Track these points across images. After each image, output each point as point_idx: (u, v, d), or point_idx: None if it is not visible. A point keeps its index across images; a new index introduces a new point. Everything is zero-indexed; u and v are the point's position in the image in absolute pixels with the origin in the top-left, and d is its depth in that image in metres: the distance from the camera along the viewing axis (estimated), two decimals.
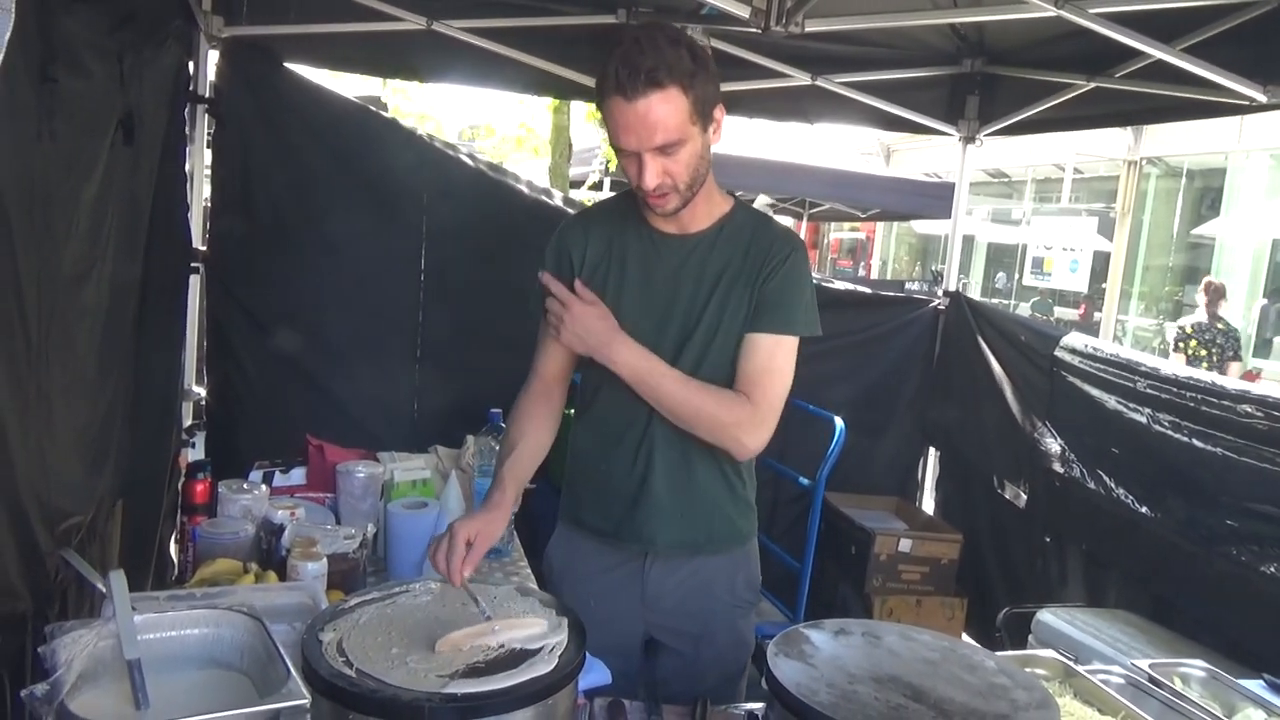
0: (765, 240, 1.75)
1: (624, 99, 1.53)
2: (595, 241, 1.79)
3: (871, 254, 22.23)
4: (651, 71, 1.51)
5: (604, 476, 1.83)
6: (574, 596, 1.68)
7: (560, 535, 1.95)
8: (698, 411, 1.70)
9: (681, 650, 1.88)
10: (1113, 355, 3.37)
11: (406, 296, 3.57)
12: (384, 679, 1.22)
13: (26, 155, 1.51)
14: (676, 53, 1.54)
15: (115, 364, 2.23)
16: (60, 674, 1.17)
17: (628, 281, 1.76)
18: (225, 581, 1.72)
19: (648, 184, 1.59)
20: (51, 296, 1.70)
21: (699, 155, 1.62)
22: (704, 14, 3.31)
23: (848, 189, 9.26)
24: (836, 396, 3.87)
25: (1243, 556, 2.70)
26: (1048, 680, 1.71)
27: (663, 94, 1.52)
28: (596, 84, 1.58)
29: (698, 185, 1.66)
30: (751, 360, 1.72)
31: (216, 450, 3.41)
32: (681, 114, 1.55)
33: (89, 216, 1.92)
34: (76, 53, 1.76)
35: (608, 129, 1.61)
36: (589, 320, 1.71)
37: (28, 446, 1.56)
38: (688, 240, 1.76)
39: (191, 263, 3.20)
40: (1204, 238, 13.45)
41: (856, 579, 3.84)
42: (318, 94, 3.49)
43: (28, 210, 1.51)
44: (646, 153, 1.57)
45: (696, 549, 1.83)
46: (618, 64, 1.52)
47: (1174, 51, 2.84)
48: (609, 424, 1.81)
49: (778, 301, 1.72)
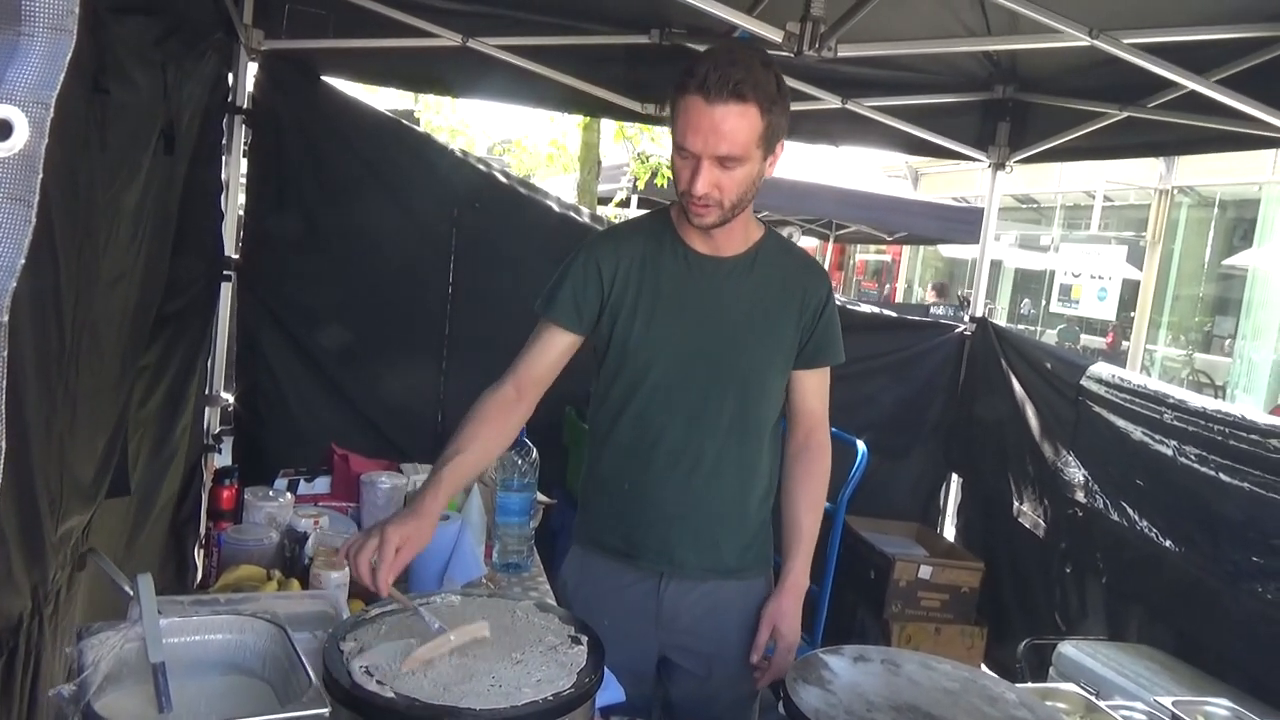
0: (802, 275, 1.83)
1: (704, 100, 1.54)
2: (628, 258, 1.79)
3: (897, 277, 22.15)
4: (739, 84, 1.53)
5: (628, 499, 1.83)
6: (588, 615, 1.66)
7: (574, 555, 1.96)
8: (823, 506, 1.92)
9: (695, 671, 1.88)
10: (1139, 386, 3.33)
11: (434, 309, 3.61)
12: (404, 691, 1.23)
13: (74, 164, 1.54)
14: (767, 76, 1.57)
15: (133, 367, 2.27)
16: (88, 674, 1.19)
17: (661, 299, 1.77)
18: (249, 588, 1.74)
19: (698, 190, 1.60)
20: (88, 301, 1.73)
21: (752, 179, 1.64)
22: (737, 36, 3.33)
23: (875, 211, 9.26)
24: (859, 420, 3.85)
25: (1269, 594, 2.66)
26: (1068, 715, 1.69)
27: (742, 107, 1.55)
28: (678, 80, 1.58)
29: (741, 208, 1.68)
30: (814, 396, 1.89)
31: (243, 456, 3.45)
32: (753, 133, 1.58)
33: (129, 225, 1.95)
34: (125, 63, 1.79)
35: (674, 127, 1.61)
36: (798, 621, 1.81)
37: (50, 446, 1.59)
38: (724, 263, 1.78)
39: (224, 270, 3.25)
40: (1236, 268, 13.29)
41: (875, 604, 3.81)
42: (353, 107, 3.54)
43: (72, 217, 1.54)
44: (707, 159, 1.58)
45: (714, 573, 1.84)
46: (709, 66, 1.54)
47: (1207, 83, 2.82)
48: (637, 445, 1.81)
49: (827, 341, 1.85)
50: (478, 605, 1.52)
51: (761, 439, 1.84)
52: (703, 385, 1.76)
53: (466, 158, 3.78)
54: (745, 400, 1.78)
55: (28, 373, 1.42)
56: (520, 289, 3.41)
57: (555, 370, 1.81)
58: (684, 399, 1.77)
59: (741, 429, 1.80)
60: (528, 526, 2.34)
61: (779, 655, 1.78)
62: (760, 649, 1.79)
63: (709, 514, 1.81)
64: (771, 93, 1.57)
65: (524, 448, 2.25)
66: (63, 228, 1.49)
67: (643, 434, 1.80)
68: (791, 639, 1.79)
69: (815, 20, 2.60)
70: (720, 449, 1.78)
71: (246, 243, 3.44)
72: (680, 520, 1.80)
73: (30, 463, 1.48)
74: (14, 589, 1.46)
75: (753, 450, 1.83)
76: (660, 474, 1.79)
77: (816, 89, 3.72)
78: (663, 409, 1.77)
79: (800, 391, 1.87)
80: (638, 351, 1.78)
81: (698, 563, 1.82)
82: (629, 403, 1.80)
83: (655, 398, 1.77)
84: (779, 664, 1.77)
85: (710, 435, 1.78)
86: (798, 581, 1.81)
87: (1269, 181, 12.56)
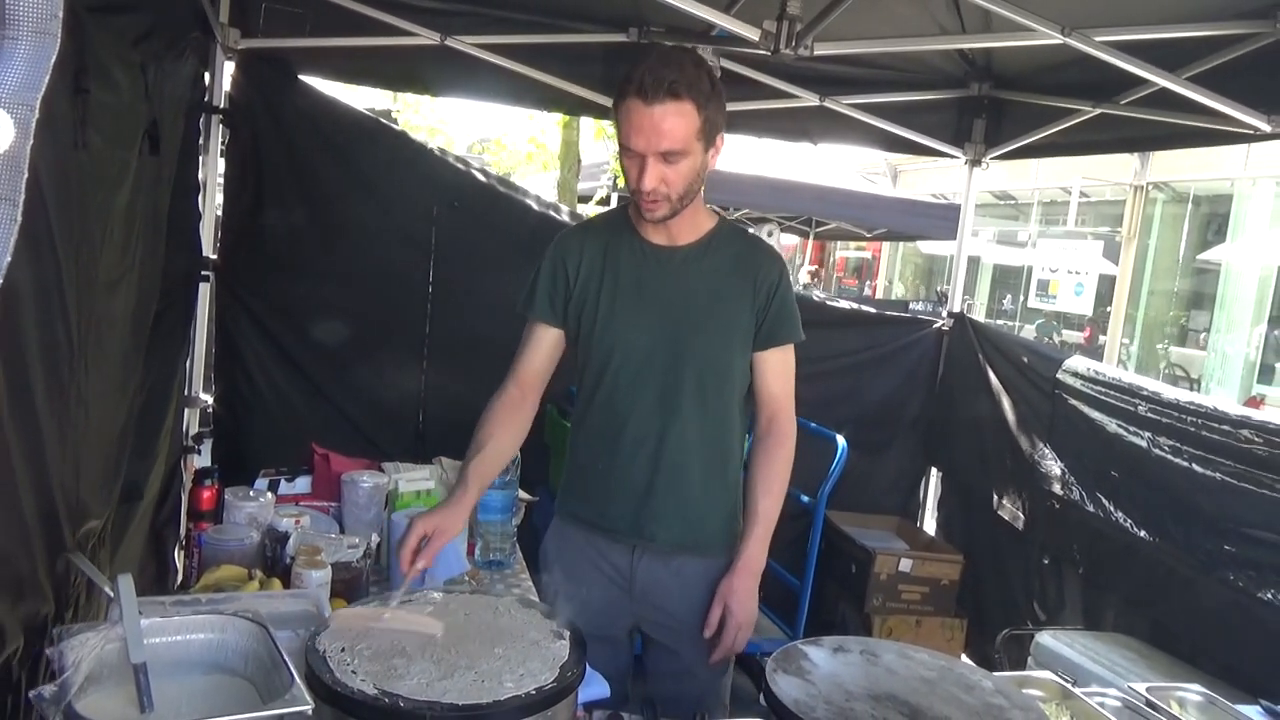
0: (753, 257, 1.90)
1: (643, 102, 1.64)
2: (590, 251, 1.91)
3: (877, 274, 22.26)
4: (674, 84, 1.64)
5: (603, 477, 1.92)
6: (565, 584, 1.79)
7: (555, 527, 2.06)
8: (784, 490, 1.91)
9: (667, 643, 1.96)
10: (1114, 379, 3.38)
11: (414, 308, 3.60)
12: (386, 687, 1.23)
13: (65, 165, 1.55)
14: (699, 74, 1.68)
15: (136, 369, 2.27)
16: (68, 675, 1.19)
17: (621, 289, 1.88)
18: (230, 588, 1.74)
19: (645, 185, 1.71)
20: (89, 302, 1.74)
21: (696, 171, 1.74)
22: (715, 35, 3.35)
23: (854, 208, 9.30)
24: (839, 415, 3.88)
25: (1240, 582, 2.71)
26: (1044, 702, 1.71)
27: (678, 105, 1.65)
28: (618, 86, 1.68)
29: (689, 199, 1.78)
30: (774, 377, 1.92)
31: (223, 457, 3.43)
32: (691, 128, 1.68)
33: (122, 225, 1.96)
34: (105, 63, 1.80)
35: (619, 131, 1.72)
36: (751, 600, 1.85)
37: (65, 449, 1.60)
38: (678, 252, 1.88)
39: (202, 270, 3.23)
40: (1210, 263, 13.46)
41: (856, 598, 3.84)
42: (330, 106, 3.53)
43: (68, 218, 1.55)
44: (651, 156, 1.69)
45: (689, 548, 1.92)
46: (644, 70, 1.64)
47: (1179, 80, 2.87)
48: (606, 428, 1.91)
49: (781, 321, 1.90)
50: (460, 602, 1.53)
51: (726, 420, 1.91)
52: (664, 370, 1.85)
53: (445, 156, 3.77)
54: (706, 383, 1.86)
55: (39, 374, 1.43)
56: (501, 287, 3.43)
57: (551, 363, 1.95)
58: (648, 384, 1.86)
59: (705, 411, 1.88)
60: (510, 524, 2.34)
61: (727, 633, 1.84)
62: (712, 626, 1.85)
63: (678, 494, 1.89)
64: (706, 90, 1.68)
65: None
66: (61, 229, 1.50)
67: (611, 419, 1.90)
68: (742, 616, 1.84)
69: (792, 19, 2.62)
70: (684, 431, 1.86)
71: (224, 243, 3.42)
72: (649, 499, 1.88)
73: (46, 465, 1.49)
74: (38, 591, 1.47)
75: (718, 431, 1.91)
76: (628, 457, 1.88)
77: (794, 87, 3.74)
78: (628, 395, 1.87)
79: (761, 374, 1.92)
80: (601, 340, 1.88)
81: (668, 539, 1.90)
82: (597, 390, 1.91)
83: (620, 384, 1.87)
84: (726, 641, 1.84)
85: (674, 418, 1.86)
86: (750, 561, 1.86)
87: (1241, 177, 12.72)
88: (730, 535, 1.94)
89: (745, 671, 3.27)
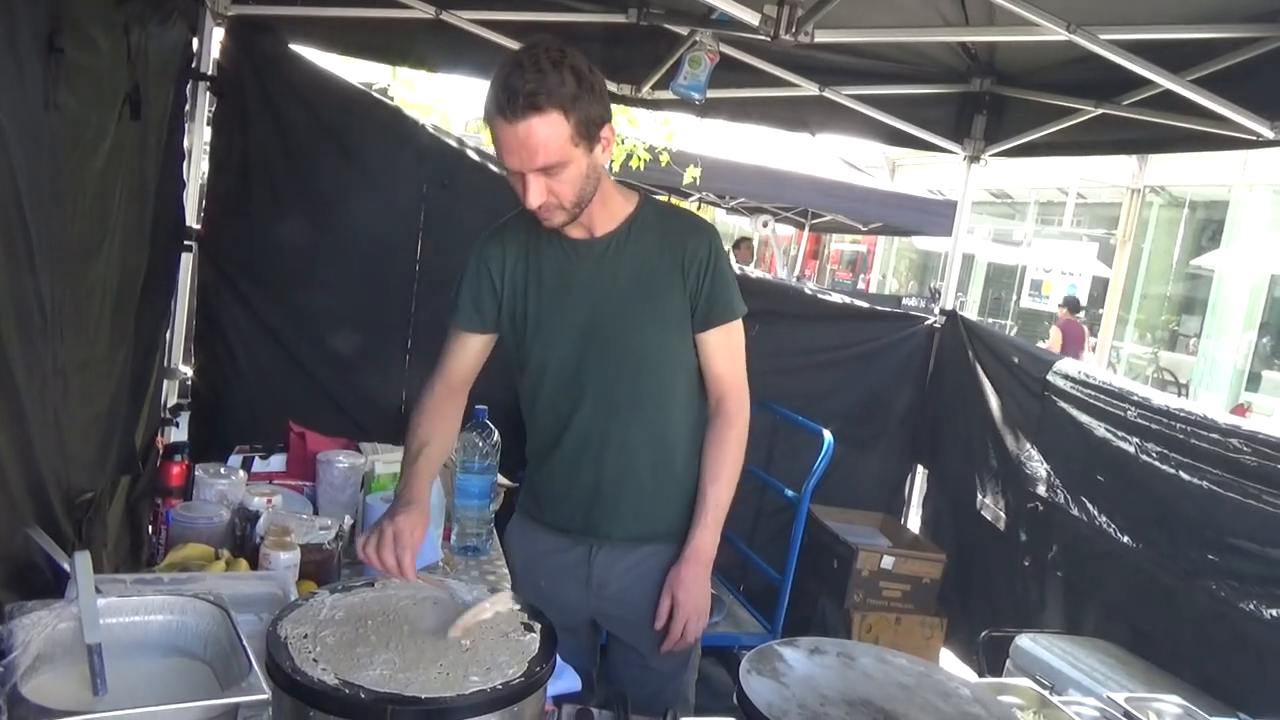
0: (679, 234, 1.82)
1: (505, 121, 1.54)
2: (511, 253, 1.85)
3: (871, 268, 22.23)
4: (531, 95, 1.52)
5: (550, 479, 1.91)
6: (525, 576, 1.79)
7: (515, 522, 2.05)
8: (735, 474, 1.86)
9: (625, 638, 1.95)
10: (1104, 383, 3.36)
11: (400, 286, 3.54)
12: (348, 677, 1.19)
13: (35, 125, 1.50)
14: (559, 76, 1.54)
15: (124, 341, 2.23)
16: (15, 655, 1.15)
17: (546, 290, 1.82)
18: (195, 567, 1.70)
19: (531, 203, 1.63)
20: (63, 269, 1.70)
21: (584, 175, 1.65)
22: (714, 18, 3.29)
23: (851, 201, 9.24)
24: (827, 410, 3.86)
25: (1223, 592, 2.69)
26: (1022, 710, 1.69)
27: (542, 118, 1.53)
28: (484, 104, 1.59)
29: (585, 201, 1.69)
30: (718, 358, 1.84)
31: (200, 432, 3.39)
32: (562, 137, 1.57)
33: (96, 190, 1.91)
34: (83, 23, 1.75)
35: (496, 150, 1.62)
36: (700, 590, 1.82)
37: (45, 421, 1.57)
38: (598, 243, 1.81)
39: (185, 241, 3.17)
40: (1203, 269, 13.47)
41: (837, 594, 3.83)
42: (322, 77, 3.46)
43: (37, 180, 1.51)
44: (530, 173, 1.60)
45: (645, 540, 1.89)
46: (499, 87, 1.54)
47: (1183, 82, 2.83)
48: (549, 430, 1.89)
49: (718, 296, 1.81)
50: (428, 590, 1.48)
51: (668, 409, 1.86)
52: (599, 365, 1.80)
53: (438, 134, 3.70)
54: (642, 373, 1.81)
55: (14, 339, 1.40)
56: None
57: (477, 367, 1.91)
58: (585, 381, 1.82)
59: (644, 402, 1.83)
60: (488, 509, 2.31)
61: (676, 624, 1.81)
62: (662, 617, 1.82)
63: (628, 491, 1.86)
64: (570, 91, 1.55)
65: (485, 429, 2.22)
66: (28, 189, 1.46)
67: (555, 419, 1.87)
68: (689, 607, 1.81)
69: (793, 4, 2.58)
70: (627, 424, 1.82)
71: (208, 213, 3.36)
72: (599, 495, 1.86)
73: (29, 433, 1.46)
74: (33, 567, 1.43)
75: (661, 421, 1.85)
76: (574, 455, 1.85)
77: (794, 75, 3.69)
78: (567, 393, 1.83)
79: (705, 356, 1.84)
80: (534, 341, 1.84)
81: (622, 534, 1.88)
82: (539, 391, 1.87)
83: (559, 383, 1.83)
84: (675, 632, 1.81)
85: (614, 413, 1.82)
86: (698, 550, 1.83)
87: (1238, 184, 12.71)
88: (687, 525, 1.90)
89: (723, 665, 3.26)
